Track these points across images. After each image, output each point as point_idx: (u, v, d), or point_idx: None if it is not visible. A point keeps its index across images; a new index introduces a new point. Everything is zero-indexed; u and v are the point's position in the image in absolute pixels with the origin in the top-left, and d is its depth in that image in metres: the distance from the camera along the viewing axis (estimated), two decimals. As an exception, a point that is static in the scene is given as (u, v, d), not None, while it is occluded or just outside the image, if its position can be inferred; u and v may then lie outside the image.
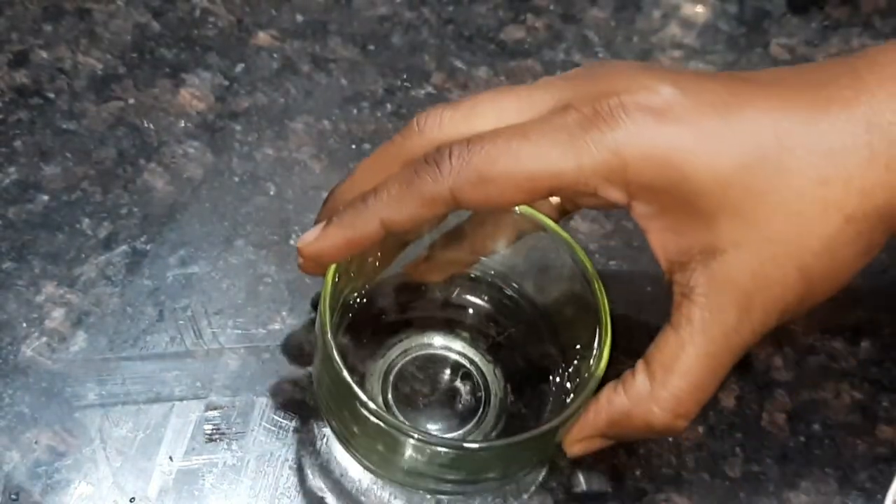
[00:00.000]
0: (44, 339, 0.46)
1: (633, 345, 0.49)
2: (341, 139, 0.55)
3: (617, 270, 0.52)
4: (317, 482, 0.44)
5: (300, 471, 0.44)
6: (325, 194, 0.52)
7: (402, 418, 0.44)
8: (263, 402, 0.46)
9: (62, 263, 0.48)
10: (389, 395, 0.45)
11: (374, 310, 0.47)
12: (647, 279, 0.52)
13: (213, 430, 0.45)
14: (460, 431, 0.45)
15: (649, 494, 0.45)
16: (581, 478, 0.45)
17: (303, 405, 0.46)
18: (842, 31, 0.63)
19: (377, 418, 0.38)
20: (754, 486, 0.46)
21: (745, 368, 0.49)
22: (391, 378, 0.46)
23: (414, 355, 0.47)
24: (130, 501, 0.43)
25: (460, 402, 0.46)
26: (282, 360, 0.47)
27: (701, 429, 0.47)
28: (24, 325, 0.47)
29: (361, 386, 0.41)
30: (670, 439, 0.47)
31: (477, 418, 0.45)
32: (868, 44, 0.62)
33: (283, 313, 0.48)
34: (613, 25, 0.61)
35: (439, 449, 0.39)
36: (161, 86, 0.55)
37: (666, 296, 0.51)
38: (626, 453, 0.46)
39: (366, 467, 0.42)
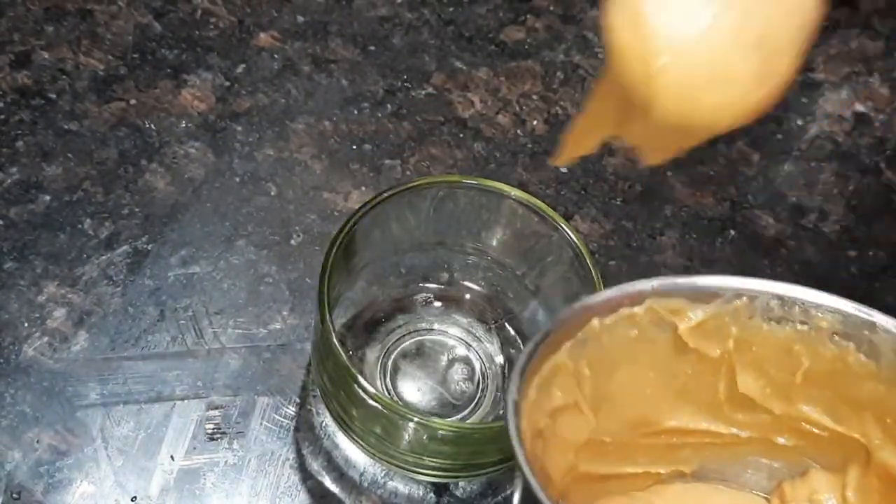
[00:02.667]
0: (45, 338, 0.46)
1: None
2: (342, 140, 0.55)
3: (617, 270, 0.52)
4: (318, 481, 0.44)
5: (301, 470, 0.44)
6: (325, 194, 0.52)
7: (400, 402, 0.44)
8: (264, 402, 0.46)
9: (64, 263, 0.49)
10: (388, 379, 0.46)
11: (373, 295, 0.47)
12: (647, 279, 0.52)
13: (214, 429, 0.45)
14: (458, 415, 0.45)
15: (649, 493, 0.45)
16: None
17: (303, 404, 0.46)
18: (841, 32, 0.63)
19: (376, 401, 0.38)
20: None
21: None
22: (389, 362, 0.46)
23: (412, 340, 0.47)
24: (132, 500, 0.43)
25: (458, 385, 0.46)
26: (283, 360, 0.47)
27: (700, 428, 0.47)
28: (26, 324, 0.47)
29: (360, 370, 0.41)
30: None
31: (475, 402, 0.46)
32: (867, 44, 0.62)
33: (284, 313, 0.48)
34: (613, 26, 0.61)
35: (437, 431, 0.39)
36: (162, 86, 0.55)
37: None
38: (625, 452, 0.46)
39: (364, 451, 0.43)
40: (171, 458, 0.44)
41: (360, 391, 0.38)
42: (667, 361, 0.38)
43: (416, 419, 0.38)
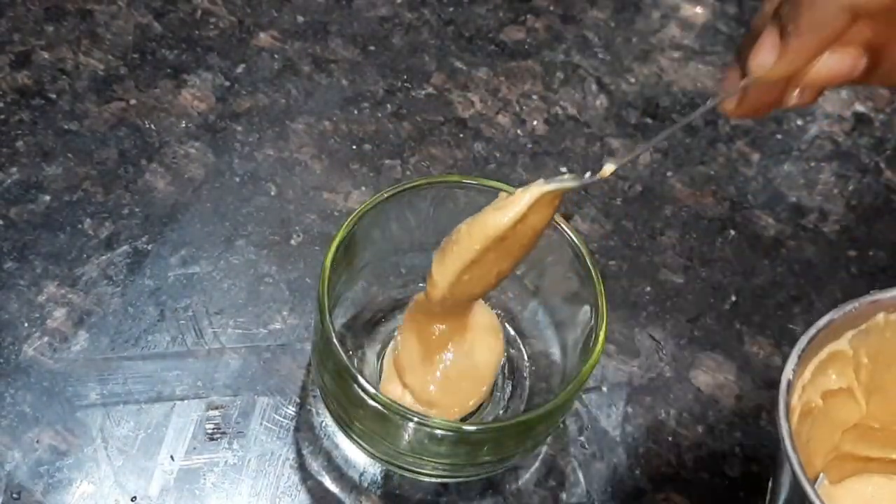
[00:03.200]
0: (45, 338, 0.46)
1: (633, 344, 0.50)
2: (342, 140, 0.55)
3: (617, 270, 0.52)
4: (318, 481, 0.44)
5: (301, 469, 0.44)
6: (325, 194, 0.52)
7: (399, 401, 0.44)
8: (264, 402, 0.46)
9: (64, 263, 0.49)
10: None
11: (373, 295, 0.47)
12: (646, 279, 0.52)
13: (214, 429, 0.45)
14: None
15: (649, 494, 0.45)
16: (581, 477, 0.45)
17: (303, 404, 0.46)
18: (841, 32, 0.63)
19: (376, 401, 0.38)
20: (754, 485, 0.46)
21: (744, 368, 0.49)
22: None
23: None
24: (132, 500, 0.43)
25: None
26: (282, 360, 0.47)
27: (700, 428, 0.47)
28: (26, 324, 0.47)
29: (360, 370, 0.41)
30: (669, 438, 0.47)
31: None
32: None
33: (284, 313, 0.48)
34: (613, 26, 0.61)
35: (436, 431, 0.39)
36: (162, 86, 0.55)
37: (664, 295, 0.51)
38: (625, 452, 0.46)
39: (364, 451, 0.43)
40: (171, 458, 0.44)
41: (360, 391, 0.38)
42: None
43: (415, 419, 0.38)
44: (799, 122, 0.59)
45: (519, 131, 0.56)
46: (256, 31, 0.58)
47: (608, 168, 0.37)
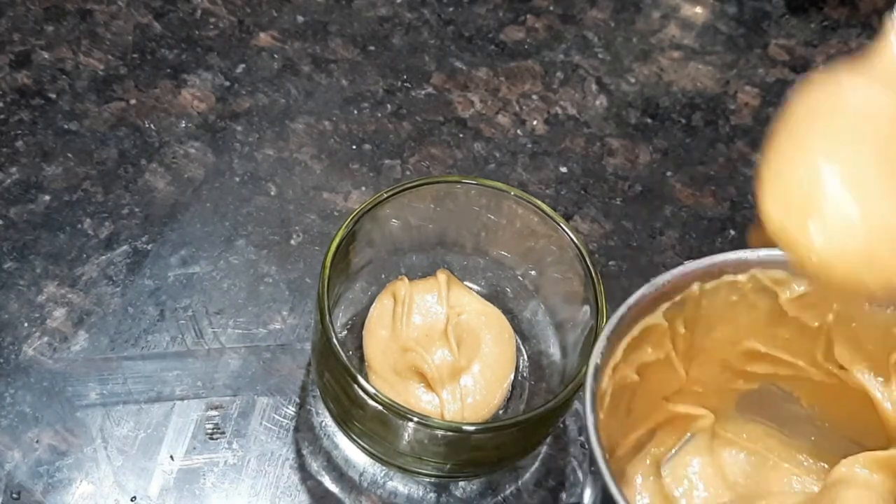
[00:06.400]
0: (45, 338, 0.46)
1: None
2: (342, 139, 0.55)
3: (617, 270, 0.52)
4: (317, 481, 0.44)
5: (301, 469, 0.44)
6: (325, 194, 0.52)
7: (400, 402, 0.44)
8: (264, 402, 0.46)
9: (63, 263, 0.49)
10: None
11: (373, 295, 0.47)
12: (646, 279, 0.52)
13: (213, 429, 0.45)
14: None
15: (649, 493, 0.45)
16: (580, 477, 0.45)
17: (303, 404, 0.46)
18: (841, 32, 0.63)
19: (376, 401, 0.38)
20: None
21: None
22: None
23: None
24: (132, 500, 0.43)
25: None
26: (282, 360, 0.47)
27: (700, 428, 0.47)
28: (26, 324, 0.47)
29: (360, 370, 0.41)
30: (670, 438, 0.47)
31: None
32: (867, 44, 0.62)
33: (284, 313, 0.48)
34: (613, 26, 0.61)
35: (436, 432, 0.39)
36: (162, 86, 0.55)
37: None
38: (625, 452, 0.46)
39: (364, 451, 0.43)
40: (171, 458, 0.44)
41: (360, 391, 0.38)
42: (766, 324, 0.40)
43: (415, 419, 0.38)
44: (799, 122, 0.59)
45: (519, 131, 0.56)
46: (256, 31, 0.58)
47: None
